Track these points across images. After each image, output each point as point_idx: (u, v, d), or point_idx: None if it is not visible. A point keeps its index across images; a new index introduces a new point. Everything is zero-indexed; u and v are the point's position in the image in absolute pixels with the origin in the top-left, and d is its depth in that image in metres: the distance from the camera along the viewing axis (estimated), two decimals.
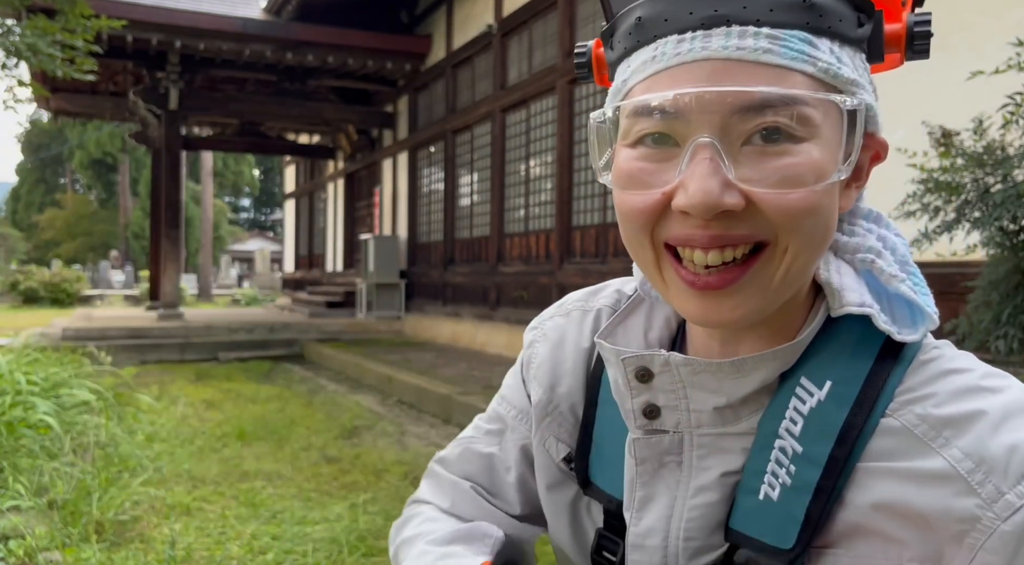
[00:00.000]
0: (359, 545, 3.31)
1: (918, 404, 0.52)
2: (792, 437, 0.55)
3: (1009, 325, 2.83)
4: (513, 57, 9.88)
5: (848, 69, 0.53)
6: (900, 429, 0.52)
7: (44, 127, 41.78)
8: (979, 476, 0.48)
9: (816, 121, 0.51)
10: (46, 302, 20.73)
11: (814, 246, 0.53)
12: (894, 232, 0.60)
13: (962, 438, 0.50)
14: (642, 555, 0.62)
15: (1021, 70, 2.84)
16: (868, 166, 0.59)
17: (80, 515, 3.44)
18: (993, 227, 2.84)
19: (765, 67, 0.51)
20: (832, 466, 0.53)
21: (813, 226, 0.52)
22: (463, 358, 8.81)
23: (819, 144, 0.51)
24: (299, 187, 20.49)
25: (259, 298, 22.62)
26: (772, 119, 0.50)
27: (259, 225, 57.63)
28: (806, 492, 0.53)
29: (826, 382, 0.55)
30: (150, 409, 6.04)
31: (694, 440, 0.59)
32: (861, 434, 0.53)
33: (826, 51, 0.52)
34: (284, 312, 15.46)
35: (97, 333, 10.36)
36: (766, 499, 0.55)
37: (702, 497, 0.59)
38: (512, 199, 9.91)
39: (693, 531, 0.59)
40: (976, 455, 0.49)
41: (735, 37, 0.51)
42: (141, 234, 33.70)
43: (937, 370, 0.54)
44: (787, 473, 0.55)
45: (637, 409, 0.60)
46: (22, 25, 5.99)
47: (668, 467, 0.61)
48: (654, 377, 0.59)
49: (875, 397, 0.53)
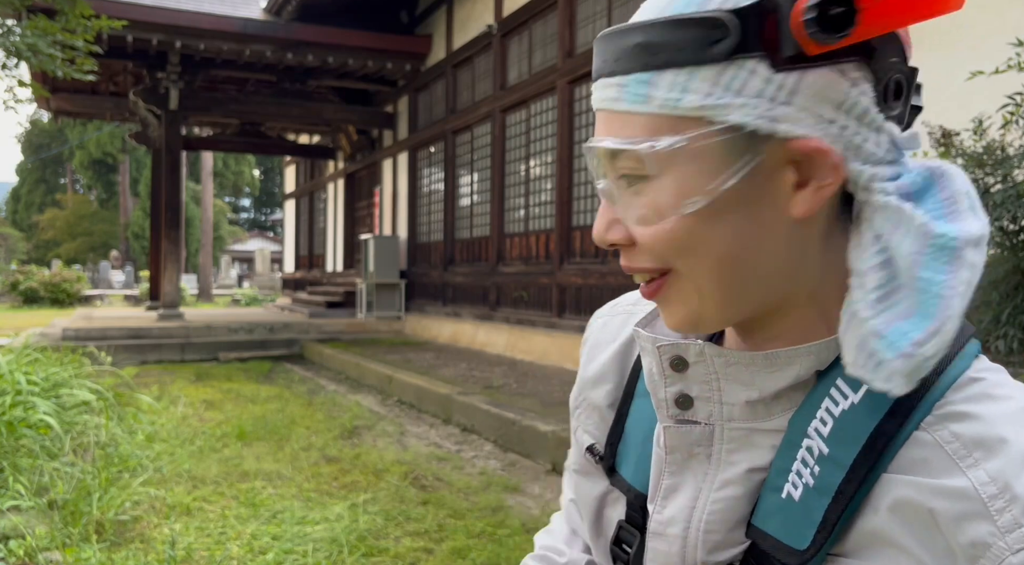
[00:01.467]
0: (359, 545, 3.31)
1: (954, 421, 0.50)
2: (820, 438, 0.54)
3: (1009, 325, 2.83)
4: (513, 57, 9.89)
5: (695, 96, 0.51)
6: (932, 444, 0.50)
7: (44, 127, 41.80)
8: (1000, 503, 0.47)
9: (661, 157, 0.53)
10: (46, 302, 20.74)
11: (707, 267, 0.54)
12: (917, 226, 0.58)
13: (991, 461, 0.48)
14: (662, 543, 0.62)
15: (1021, 70, 2.84)
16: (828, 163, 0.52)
17: (80, 515, 3.44)
18: (993, 227, 2.84)
19: (619, 115, 0.55)
20: (855, 471, 0.52)
21: (683, 252, 0.54)
22: (463, 358, 8.81)
23: (670, 177, 0.53)
24: (299, 187, 20.50)
25: (259, 298, 22.63)
26: (623, 164, 0.54)
27: (259, 225, 57.64)
28: (827, 494, 0.53)
29: (862, 386, 0.53)
30: (150, 409, 6.04)
31: (725, 433, 0.59)
32: (891, 443, 0.51)
33: (666, 87, 0.52)
34: (284, 312, 15.46)
35: (97, 333, 10.37)
36: (788, 498, 0.55)
37: (727, 490, 0.59)
38: (512, 199, 9.91)
39: (714, 524, 0.59)
40: (1002, 481, 0.47)
41: (600, 88, 0.56)
42: (141, 234, 33.71)
43: (981, 391, 0.52)
44: (811, 474, 0.54)
45: (670, 398, 0.61)
46: (22, 25, 6.00)
47: (697, 458, 0.61)
48: (689, 367, 0.59)
49: (911, 408, 0.51)
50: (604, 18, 8.07)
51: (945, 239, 0.49)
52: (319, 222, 18.90)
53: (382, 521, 3.64)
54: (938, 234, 0.49)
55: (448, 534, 3.51)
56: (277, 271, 29.20)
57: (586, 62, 8.13)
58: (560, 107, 8.61)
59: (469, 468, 4.75)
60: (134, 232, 36.11)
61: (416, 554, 3.28)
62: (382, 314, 12.41)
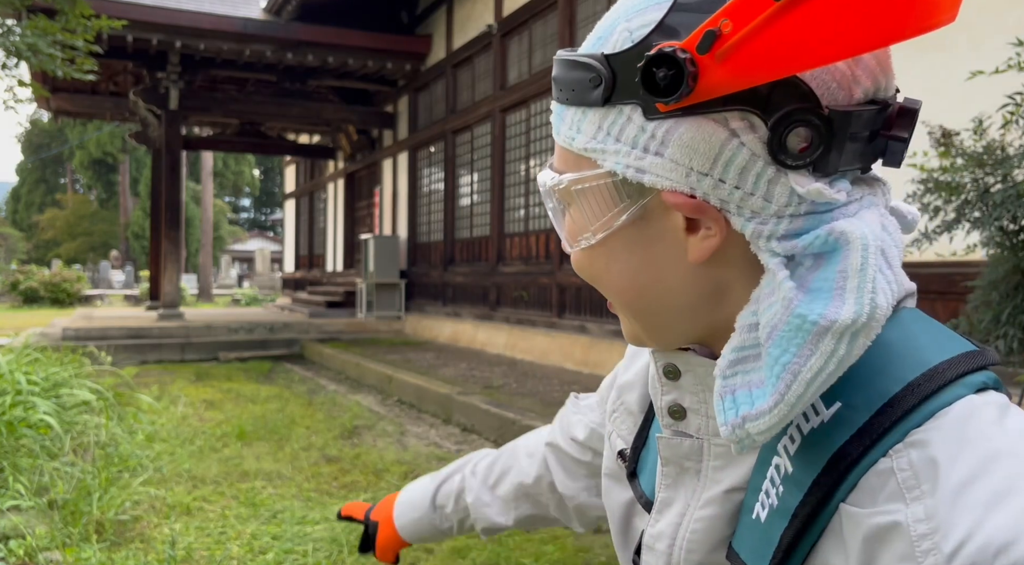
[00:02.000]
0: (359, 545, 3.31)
1: (915, 448, 0.45)
2: (787, 456, 0.50)
3: (1009, 325, 2.83)
4: (513, 57, 9.89)
5: (584, 137, 0.52)
6: (888, 471, 0.45)
7: (44, 127, 41.80)
8: (927, 545, 0.42)
9: (567, 196, 0.55)
10: (46, 302, 20.74)
11: (615, 293, 0.57)
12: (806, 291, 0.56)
13: (933, 496, 0.43)
14: (651, 557, 0.62)
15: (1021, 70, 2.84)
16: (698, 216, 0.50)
17: (80, 515, 3.44)
18: (993, 227, 2.84)
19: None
20: (811, 494, 0.48)
21: (593, 279, 0.57)
22: (463, 358, 8.81)
23: (573, 211, 0.56)
24: (299, 187, 20.50)
25: (259, 298, 22.63)
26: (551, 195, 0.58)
27: (259, 225, 57.65)
28: (785, 516, 0.50)
29: (835, 403, 0.49)
30: (150, 409, 6.05)
31: (712, 449, 0.58)
32: (854, 468, 0.47)
33: (567, 124, 0.53)
34: (284, 312, 15.46)
35: (97, 333, 10.37)
36: (756, 519, 0.52)
37: (707, 510, 0.57)
38: (512, 199, 9.91)
39: (695, 544, 0.58)
40: (935, 520, 0.42)
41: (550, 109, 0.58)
42: (141, 234, 33.72)
43: (955, 420, 0.45)
44: (776, 494, 0.51)
45: (664, 406, 0.60)
46: (22, 25, 6.00)
47: (688, 473, 0.59)
48: (681, 375, 0.58)
49: (882, 432, 0.46)
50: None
51: (802, 320, 0.45)
52: (319, 222, 18.90)
53: None
54: (798, 313, 0.46)
55: None
56: (277, 271, 29.20)
57: None
58: None
59: None
60: (134, 232, 36.12)
61: (416, 554, 3.28)
62: (382, 314, 12.41)
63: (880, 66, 0.49)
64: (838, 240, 0.47)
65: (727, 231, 0.49)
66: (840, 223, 0.47)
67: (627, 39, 0.49)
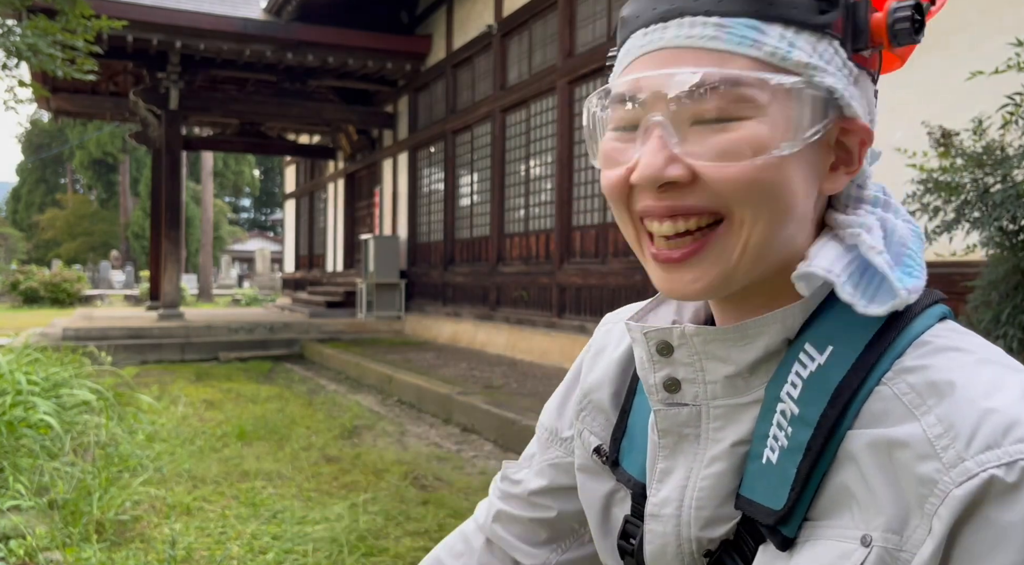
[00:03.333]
0: (359, 545, 3.31)
1: (910, 373, 0.53)
2: (792, 400, 0.56)
3: (1009, 325, 2.83)
4: (513, 57, 9.89)
5: (802, 53, 0.55)
6: (890, 396, 0.53)
7: (44, 127, 41.79)
8: (945, 441, 0.49)
9: (760, 101, 0.54)
10: (46, 302, 20.74)
11: (769, 218, 0.56)
12: (902, 218, 0.62)
13: (941, 405, 0.51)
14: (657, 524, 0.64)
15: (1021, 70, 2.84)
16: (858, 152, 0.60)
17: (80, 515, 3.44)
18: (993, 227, 2.84)
19: (711, 53, 0.55)
20: (821, 426, 0.54)
21: (760, 198, 0.55)
22: (463, 358, 8.81)
23: (764, 122, 0.54)
24: (299, 187, 20.50)
25: (259, 298, 22.63)
26: (714, 101, 0.54)
27: (259, 225, 57.64)
28: (798, 452, 0.55)
29: (828, 347, 0.56)
30: (150, 409, 6.05)
31: (710, 412, 0.62)
32: (855, 397, 0.54)
33: (775, 36, 0.55)
34: (284, 312, 15.46)
35: (97, 333, 10.37)
36: (767, 463, 0.57)
37: (714, 467, 0.61)
38: (512, 199, 9.91)
39: (704, 500, 0.61)
40: (947, 421, 0.50)
41: (686, 27, 0.56)
42: (141, 234, 33.71)
43: (939, 345, 0.55)
44: (785, 435, 0.56)
45: (659, 382, 0.63)
46: (22, 25, 6.00)
47: (687, 440, 0.63)
48: (674, 351, 0.62)
49: (872, 364, 0.55)
50: (604, 18, 8.07)
51: (918, 231, 0.61)
52: (319, 222, 18.90)
53: (382, 521, 3.64)
54: (916, 228, 0.61)
55: (448, 534, 3.51)
56: (277, 271, 29.19)
57: (586, 62, 8.14)
58: (560, 107, 8.61)
59: (469, 468, 4.75)
60: (134, 232, 36.11)
61: (416, 554, 3.28)
62: (382, 314, 12.41)
63: None
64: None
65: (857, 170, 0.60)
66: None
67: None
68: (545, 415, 0.85)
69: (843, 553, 0.52)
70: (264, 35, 11.23)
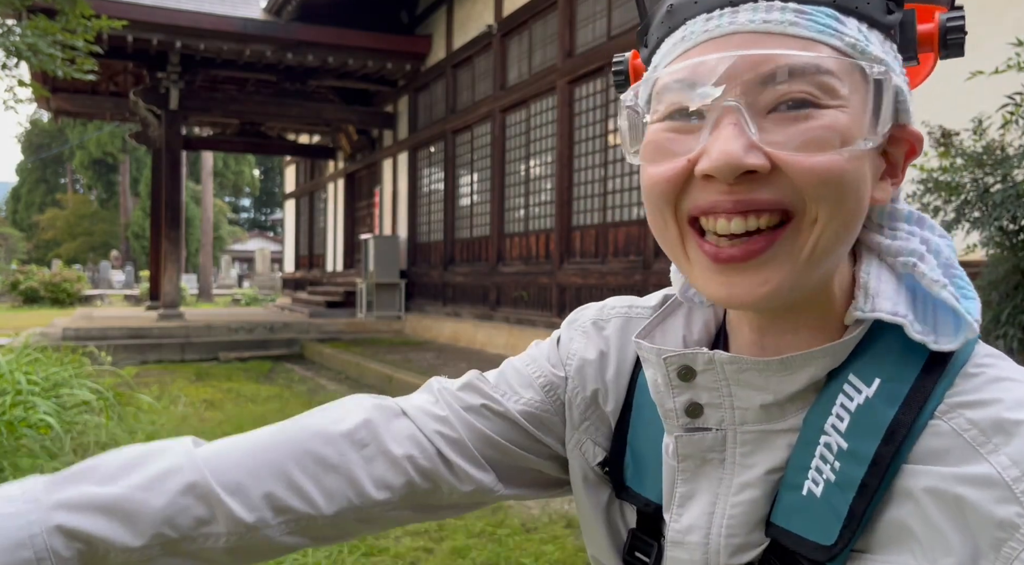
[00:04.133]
0: (359, 545, 3.31)
1: (969, 409, 0.51)
2: (838, 433, 0.54)
3: (1009, 325, 2.83)
4: (513, 57, 9.89)
5: (876, 48, 0.54)
6: (949, 432, 0.51)
7: (44, 127, 41.79)
8: (1023, 485, 0.48)
9: (841, 91, 0.52)
10: (46, 302, 20.73)
11: (844, 217, 0.53)
12: (938, 234, 0.59)
13: (1011, 445, 0.49)
14: (683, 552, 0.62)
15: (1021, 70, 2.84)
16: (904, 161, 0.59)
17: None
18: (993, 227, 2.84)
19: (792, 39, 0.52)
20: (878, 463, 0.52)
21: (840, 193, 0.52)
22: (463, 358, 8.81)
23: (845, 112, 0.52)
24: (299, 187, 20.50)
25: (259, 298, 22.63)
26: (798, 87, 0.51)
27: (259, 225, 57.64)
28: (851, 488, 0.53)
29: (875, 380, 0.54)
30: (150, 409, 6.04)
31: (738, 437, 0.59)
32: (909, 433, 0.52)
33: (853, 28, 0.53)
34: (284, 312, 15.46)
35: (97, 333, 10.37)
36: (809, 495, 0.55)
37: (746, 494, 0.59)
38: (512, 199, 9.91)
39: (736, 528, 0.59)
40: (1022, 463, 0.48)
41: (762, 11, 0.53)
42: (141, 234, 33.71)
43: (991, 376, 0.53)
44: (831, 469, 0.54)
45: (679, 408, 0.60)
46: (22, 25, 6.00)
47: (711, 464, 0.61)
48: (697, 375, 0.59)
49: (925, 398, 0.52)
50: (604, 18, 8.07)
51: (952, 246, 0.58)
52: (319, 222, 18.90)
53: None
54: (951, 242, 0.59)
55: (448, 534, 3.52)
56: (277, 271, 29.19)
57: (586, 62, 8.14)
58: (560, 107, 8.61)
59: None
60: (134, 232, 36.11)
61: (416, 554, 3.28)
62: (382, 314, 12.41)
63: None
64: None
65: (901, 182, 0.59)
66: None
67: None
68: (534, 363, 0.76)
69: None
70: (264, 35, 11.23)
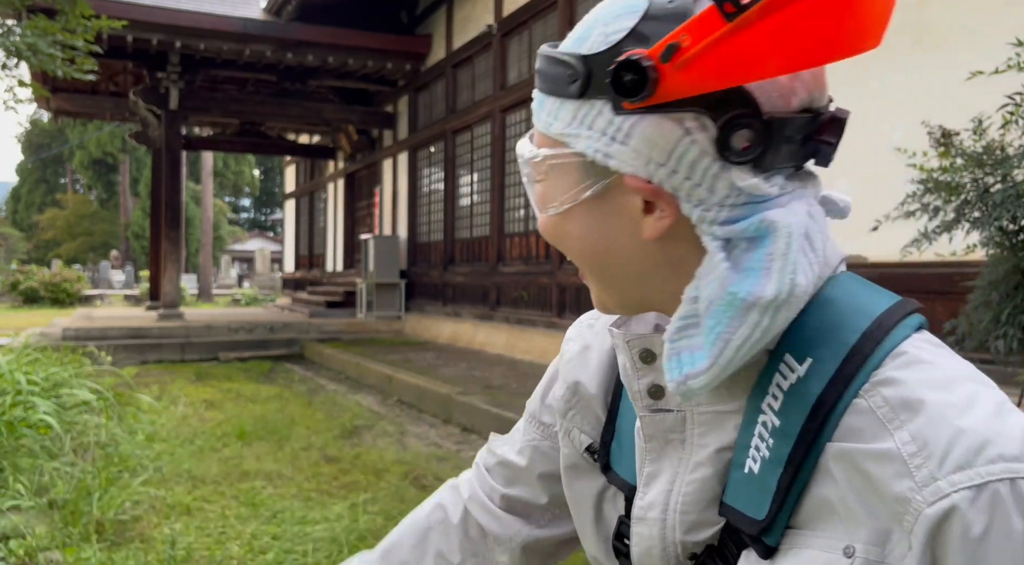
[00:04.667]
0: (359, 545, 3.31)
1: (885, 387, 0.53)
2: (773, 412, 0.57)
3: (1009, 325, 2.83)
4: (513, 57, 9.89)
5: (561, 124, 0.59)
6: (867, 410, 0.53)
7: (44, 127, 41.79)
8: (918, 460, 0.49)
9: (543, 169, 0.63)
10: (46, 302, 20.73)
11: (577, 259, 0.64)
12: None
13: (914, 422, 0.51)
14: (644, 527, 0.66)
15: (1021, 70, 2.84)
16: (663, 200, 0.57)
17: (80, 515, 3.44)
18: (992, 227, 2.84)
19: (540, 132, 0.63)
20: (803, 439, 0.55)
21: (558, 244, 0.65)
22: (463, 358, 8.81)
23: (546, 184, 0.63)
24: (299, 187, 20.50)
25: (259, 298, 22.63)
26: (527, 169, 0.65)
27: (259, 225, 57.64)
28: (779, 464, 0.56)
29: (807, 359, 0.56)
30: (150, 409, 6.05)
31: (695, 418, 0.63)
32: (833, 411, 0.54)
33: (546, 112, 0.61)
34: (284, 312, 15.46)
35: (97, 333, 10.37)
36: (749, 472, 0.58)
37: (699, 472, 0.62)
38: (512, 199, 9.91)
39: (689, 505, 0.62)
40: (921, 439, 0.50)
41: (536, 103, 0.63)
42: (141, 234, 33.70)
43: (912, 357, 0.55)
44: (767, 447, 0.57)
45: (643, 389, 0.65)
46: (22, 25, 6.00)
47: (672, 444, 0.64)
48: (657, 358, 0.63)
49: (850, 377, 0.54)
50: None
51: (733, 296, 0.54)
52: (319, 222, 18.90)
53: (382, 521, 3.64)
54: (730, 290, 0.54)
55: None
56: (277, 271, 29.19)
57: None
58: None
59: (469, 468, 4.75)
60: (134, 232, 36.11)
61: None
62: (382, 314, 12.41)
63: (815, 81, 0.57)
64: (768, 227, 0.55)
65: (678, 214, 0.57)
66: (771, 212, 0.55)
67: (603, 42, 0.56)
68: (530, 400, 0.88)
69: (827, 563, 0.53)
70: (264, 35, 11.23)
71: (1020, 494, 0.47)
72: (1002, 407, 0.51)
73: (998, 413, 0.51)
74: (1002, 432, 0.49)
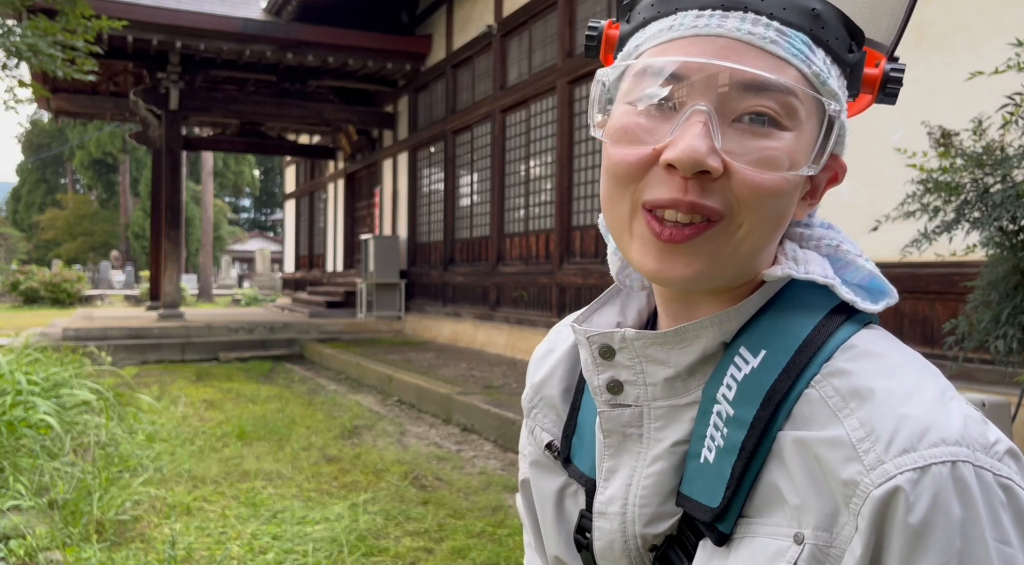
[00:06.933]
0: (359, 545, 3.31)
1: (836, 377, 0.55)
2: (727, 402, 0.59)
3: (1008, 325, 2.83)
4: (513, 57, 9.89)
5: (834, 82, 0.58)
6: (817, 399, 0.55)
7: (45, 127, 41.79)
8: (866, 444, 0.52)
9: (801, 116, 0.56)
10: (47, 302, 20.73)
11: (768, 228, 0.58)
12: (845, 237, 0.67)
13: (862, 409, 0.53)
14: (604, 521, 0.66)
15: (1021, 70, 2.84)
16: (824, 187, 0.64)
17: (80, 515, 3.45)
18: (992, 227, 2.84)
19: (769, 55, 0.56)
20: (755, 426, 0.56)
21: (773, 208, 0.57)
22: (463, 358, 8.82)
23: (798, 137, 0.57)
24: (299, 187, 20.50)
25: (259, 298, 22.63)
26: (765, 104, 0.55)
27: (259, 225, 57.64)
28: (734, 452, 0.57)
29: (761, 352, 0.58)
30: (150, 409, 6.05)
31: (652, 413, 0.64)
32: (785, 400, 0.56)
33: (821, 59, 0.58)
34: (284, 312, 15.46)
35: (98, 333, 10.37)
36: (705, 462, 0.59)
37: (656, 466, 0.63)
38: (512, 199, 9.91)
39: (648, 498, 0.63)
40: (868, 425, 0.52)
41: (749, 22, 0.56)
42: (142, 234, 33.70)
43: (863, 350, 0.57)
44: (721, 436, 0.58)
45: (602, 384, 0.65)
46: (23, 25, 6.00)
47: (631, 439, 0.65)
48: (615, 354, 0.64)
49: (802, 367, 0.57)
50: (604, 18, 8.04)
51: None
52: (319, 222, 18.90)
53: (382, 521, 3.64)
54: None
55: (448, 534, 3.52)
56: (277, 271, 29.19)
57: (586, 62, 8.13)
58: (560, 107, 8.61)
59: (469, 468, 4.75)
60: (134, 232, 36.10)
61: (416, 554, 3.28)
62: (382, 314, 12.41)
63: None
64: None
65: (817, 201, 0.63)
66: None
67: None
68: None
69: (778, 550, 0.54)
70: (264, 35, 11.23)
71: (959, 476, 0.50)
72: (944, 394, 0.54)
73: (940, 400, 0.53)
74: (943, 418, 0.52)
